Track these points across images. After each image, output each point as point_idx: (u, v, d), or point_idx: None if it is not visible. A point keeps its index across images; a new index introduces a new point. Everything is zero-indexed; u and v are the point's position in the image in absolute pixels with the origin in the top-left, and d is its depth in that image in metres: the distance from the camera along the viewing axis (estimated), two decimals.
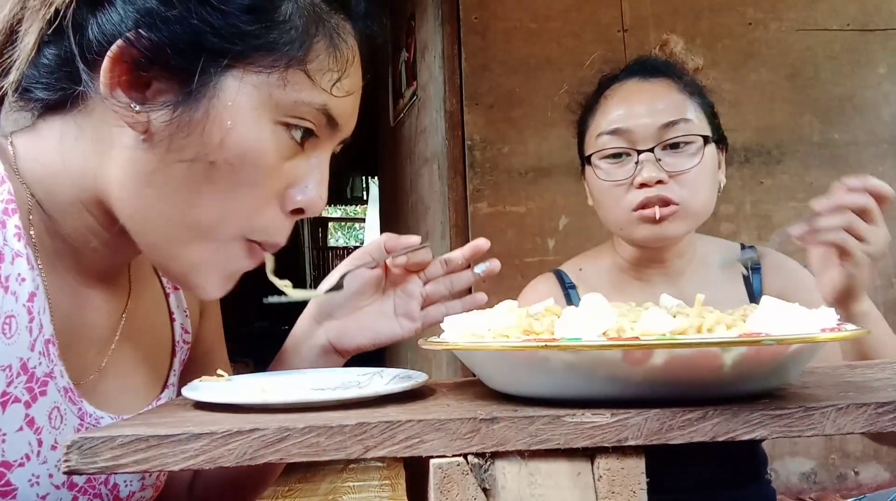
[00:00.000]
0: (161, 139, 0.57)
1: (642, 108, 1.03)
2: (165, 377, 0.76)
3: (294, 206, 0.63)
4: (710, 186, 1.03)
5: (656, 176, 0.99)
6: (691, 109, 1.03)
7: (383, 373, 0.68)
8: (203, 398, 0.57)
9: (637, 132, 1.02)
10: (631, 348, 0.46)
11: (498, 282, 2.34)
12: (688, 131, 1.01)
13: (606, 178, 1.04)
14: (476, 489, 0.47)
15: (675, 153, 1.01)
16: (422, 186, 2.79)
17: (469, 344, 0.53)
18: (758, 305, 0.54)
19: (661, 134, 1.01)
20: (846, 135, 2.49)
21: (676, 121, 1.01)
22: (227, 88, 0.57)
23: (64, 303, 0.64)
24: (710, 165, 1.02)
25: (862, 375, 0.65)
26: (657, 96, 1.04)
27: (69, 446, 0.45)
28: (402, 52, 3.09)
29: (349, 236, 10.81)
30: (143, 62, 0.56)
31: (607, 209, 1.06)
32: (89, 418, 0.65)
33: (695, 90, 1.06)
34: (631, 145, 1.02)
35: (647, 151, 1.00)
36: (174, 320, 0.78)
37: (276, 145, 0.60)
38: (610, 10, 2.46)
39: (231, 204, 0.60)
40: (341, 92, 0.62)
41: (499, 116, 2.41)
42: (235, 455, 0.46)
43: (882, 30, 2.53)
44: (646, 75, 1.07)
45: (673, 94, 1.04)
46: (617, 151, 1.03)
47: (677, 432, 0.48)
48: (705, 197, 1.02)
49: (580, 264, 1.17)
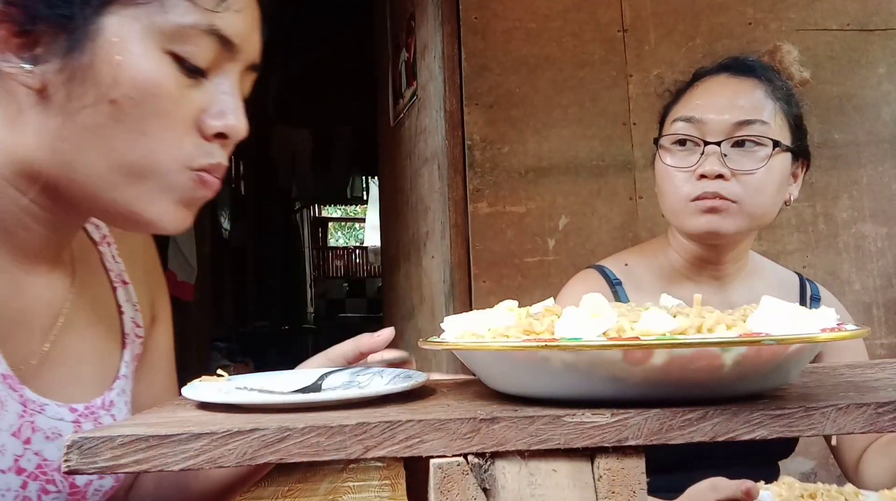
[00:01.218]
0: (59, 92, 0.59)
1: (721, 101, 1.03)
2: (116, 368, 0.75)
3: (213, 131, 0.63)
4: (773, 193, 1.02)
5: (717, 170, 0.98)
6: (772, 113, 1.02)
7: (383, 373, 0.68)
8: (203, 398, 0.57)
9: (709, 124, 1.01)
10: (631, 348, 0.46)
11: (498, 282, 2.35)
12: (760, 133, 1.00)
13: (670, 163, 1.04)
14: (476, 489, 0.47)
15: (743, 152, 1.00)
16: (422, 186, 2.79)
17: (469, 344, 0.53)
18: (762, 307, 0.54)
19: (732, 130, 1.00)
20: (846, 135, 2.49)
21: (752, 121, 1.00)
22: (108, 26, 0.59)
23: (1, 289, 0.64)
24: (778, 173, 1.01)
25: (862, 375, 0.65)
26: (740, 93, 1.03)
27: (69, 446, 0.45)
28: (402, 52, 3.08)
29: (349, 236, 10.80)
30: (24, 20, 0.58)
31: (666, 196, 1.06)
32: (33, 405, 0.65)
33: (783, 97, 1.04)
34: (700, 136, 1.02)
35: (714, 143, 1.00)
36: (123, 312, 0.78)
37: (170, 72, 0.60)
38: (610, 10, 2.46)
39: (148, 138, 0.60)
40: (226, 10, 0.62)
41: (499, 116, 2.41)
42: (235, 454, 0.46)
43: (882, 30, 2.53)
44: (736, 72, 1.07)
45: (757, 94, 1.03)
46: (685, 139, 1.03)
47: (677, 432, 0.48)
48: (765, 203, 1.01)
49: (625, 259, 1.15)
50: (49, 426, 0.66)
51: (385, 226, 3.92)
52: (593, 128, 2.37)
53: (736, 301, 1.07)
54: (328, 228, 9.55)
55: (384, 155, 3.77)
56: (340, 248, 9.36)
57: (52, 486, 0.66)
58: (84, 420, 0.69)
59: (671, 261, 1.11)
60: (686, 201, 1.01)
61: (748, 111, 1.01)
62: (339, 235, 10.73)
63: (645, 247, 1.17)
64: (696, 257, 1.08)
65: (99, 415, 0.71)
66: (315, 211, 8.82)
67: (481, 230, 2.34)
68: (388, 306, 3.77)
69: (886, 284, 2.39)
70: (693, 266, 1.09)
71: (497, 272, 2.31)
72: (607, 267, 1.13)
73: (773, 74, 1.06)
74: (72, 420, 0.68)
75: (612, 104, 2.40)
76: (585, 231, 2.35)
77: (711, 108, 1.02)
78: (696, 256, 1.07)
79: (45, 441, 0.66)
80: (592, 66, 2.42)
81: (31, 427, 0.65)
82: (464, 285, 2.32)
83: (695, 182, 1.00)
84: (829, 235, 2.43)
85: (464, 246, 2.34)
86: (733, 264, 1.08)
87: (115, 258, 0.79)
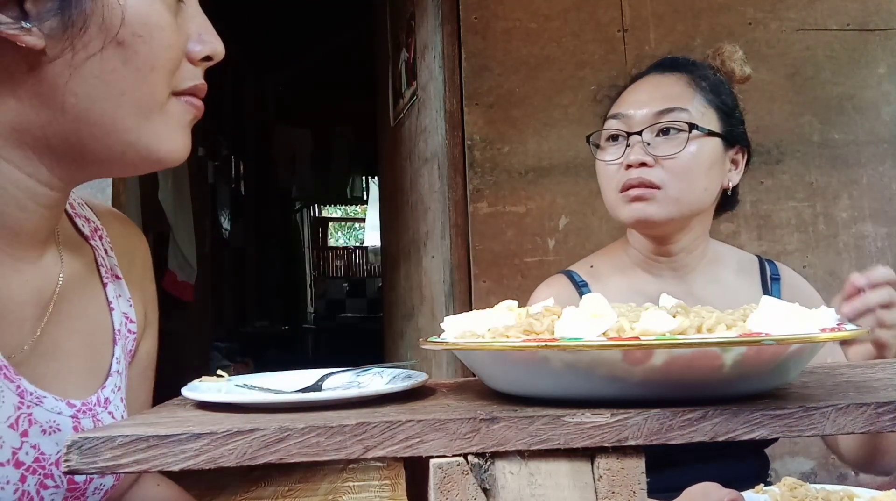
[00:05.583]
0: (62, 46, 0.58)
1: (644, 96, 1.08)
2: (108, 364, 0.75)
3: (200, 56, 0.65)
4: (700, 177, 1.04)
5: (640, 158, 1.02)
6: (696, 102, 1.05)
7: (383, 373, 0.68)
8: (203, 398, 0.57)
9: (634, 117, 1.06)
10: (631, 348, 0.46)
11: (498, 282, 2.35)
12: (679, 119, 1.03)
13: (600, 158, 1.09)
14: (476, 489, 0.47)
15: (666, 139, 1.04)
16: (422, 186, 2.78)
17: (469, 344, 0.53)
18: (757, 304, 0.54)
19: (653, 119, 1.05)
20: (846, 135, 2.49)
21: (672, 108, 1.04)
22: None
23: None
24: (705, 158, 1.04)
25: (862, 375, 0.65)
26: (663, 87, 1.08)
27: (69, 446, 0.45)
28: (402, 52, 3.08)
29: (349, 236, 10.80)
30: None
31: (602, 190, 1.11)
32: (30, 396, 0.64)
33: (709, 87, 1.08)
34: (627, 129, 1.06)
35: (636, 134, 1.04)
36: (112, 308, 0.77)
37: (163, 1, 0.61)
38: (610, 10, 2.46)
39: (156, 72, 0.61)
40: None
41: (499, 115, 2.41)
42: (235, 454, 0.46)
43: (882, 30, 2.53)
44: (664, 70, 1.11)
45: (678, 86, 1.07)
46: (616, 134, 1.07)
47: (677, 432, 0.48)
48: (692, 187, 1.04)
49: (591, 261, 1.19)
50: (46, 420, 0.65)
51: (385, 226, 3.92)
52: (593, 128, 2.37)
53: (698, 291, 1.10)
54: (328, 228, 9.55)
55: (384, 155, 3.77)
56: (340, 248, 9.35)
57: (51, 481, 0.65)
58: (83, 417, 0.69)
59: (631, 258, 1.14)
60: (616, 191, 1.06)
61: (668, 101, 1.05)
62: (339, 235, 10.72)
63: (609, 248, 1.21)
64: (650, 250, 1.11)
65: (97, 412, 0.70)
66: (315, 211, 8.82)
67: (481, 230, 2.34)
68: (388, 306, 3.77)
69: None
70: (650, 260, 1.12)
71: (497, 272, 2.31)
72: (574, 271, 1.17)
73: (699, 68, 1.11)
74: (70, 415, 0.67)
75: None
76: (585, 231, 2.35)
77: (635, 102, 1.08)
78: (649, 249, 1.11)
79: (41, 434, 0.65)
80: (592, 66, 2.42)
81: (29, 420, 0.64)
82: (464, 285, 2.32)
83: (623, 173, 1.05)
84: (829, 235, 2.43)
85: (464, 246, 2.34)
86: (687, 253, 1.11)
87: (108, 252, 0.79)
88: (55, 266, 0.71)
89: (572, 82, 2.42)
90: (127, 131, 0.62)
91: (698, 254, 1.11)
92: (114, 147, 0.63)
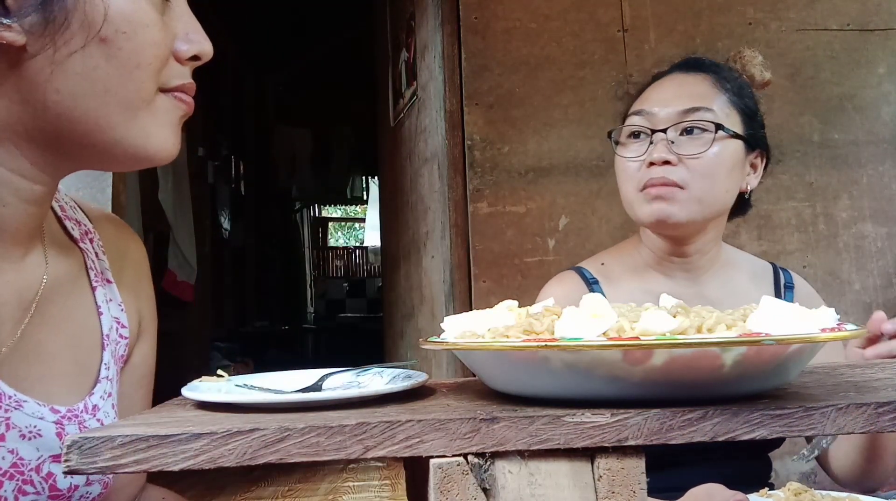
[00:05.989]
0: (43, 43, 0.57)
1: (669, 94, 1.07)
2: (96, 370, 0.73)
3: (188, 55, 0.64)
4: (722, 179, 1.04)
5: (664, 156, 1.01)
6: (720, 103, 1.05)
7: (383, 373, 0.68)
8: (203, 398, 0.57)
9: (658, 115, 1.05)
10: (631, 348, 0.46)
11: (498, 282, 2.35)
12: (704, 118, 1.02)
13: (621, 154, 1.07)
14: (476, 489, 0.47)
15: (691, 139, 1.03)
16: (422, 185, 2.78)
17: (469, 344, 0.53)
18: None
19: (678, 118, 1.04)
20: (846, 135, 2.49)
21: (697, 108, 1.03)
22: None
23: None
24: (728, 159, 1.03)
25: (862, 375, 0.65)
26: (687, 86, 1.07)
27: (69, 446, 0.45)
28: (402, 52, 3.08)
29: (349, 236, 10.80)
30: None
31: (621, 188, 1.09)
32: (8, 400, 0.63)
33: (732, 89, 1.07)
34: (650, 126, 1.05)
35: (661, 131, 1.03)
36: (101, 313, 0.75)
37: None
38: (610, 10, 2.46)
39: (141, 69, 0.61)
40: None
41: (499, 115, 2.41)
42: (235, 454, 0.46)
43: (882, 30, 2.52)
44: (688, 69, 1.11)
45: (704, 85, 1.07)
46: (638, 131, 1.06)
47: (677, 432, 0.48)
48: (713, 188, 1.03)
49: (602, 259, 1.18)
50: (26, 424, 0.64)
51: (385, 226, 3.92)
52: (593, 128, 2.37)
53: (710, 294, 1.09)
54: (328, 228, 9.54)
55: (384, 155, 3.77)
56: (340, 248, 9.35)
57: (30, 487, 0.64)
58: (68, 423, 0.67)
59: (643, 257, 1.13)
60: (637, 190, 1.04)
61: (693, 100, 1.04)
62: (339, 235, 10.72)
63: (621, 246, 1.19)
64: (664, 251, 1.10)
65: (83, 419, 0.68)
66: (315, 211, 8.82)
67: (481, 230, 2.34)
68: (388, 306, 3.77)
69: (886, 284, 2.39)
70: (663, 260, 1.11)
71: (497, 272, 2.31)
72: (584, 268, 1.16)
73: (723, 70, 1.10)
74: (53, 421, 0.66)
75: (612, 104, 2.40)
76: (585, 231, 2.35)
77: (660, 100, 1.07)
78: (663, 249, 1.10)
79: (20, 439, 0.63)
80: (592, 66, 2.42)
81: (6, 424, 0.63)
82: (464, 285, 2.32)
83: (645, 170, 1.04)
84: (829, 235, 2.43)
85: (464, 246, 2.34)
86: (701, 255, 1.10)
87: (99, 256, 0.77)
88: (39, 267, 0.69)
89: (572, 82, 2.41)
90: (113, 128, 0.61)
91: (712, 256, 1.11)
92: (100, 144, 0.62)
